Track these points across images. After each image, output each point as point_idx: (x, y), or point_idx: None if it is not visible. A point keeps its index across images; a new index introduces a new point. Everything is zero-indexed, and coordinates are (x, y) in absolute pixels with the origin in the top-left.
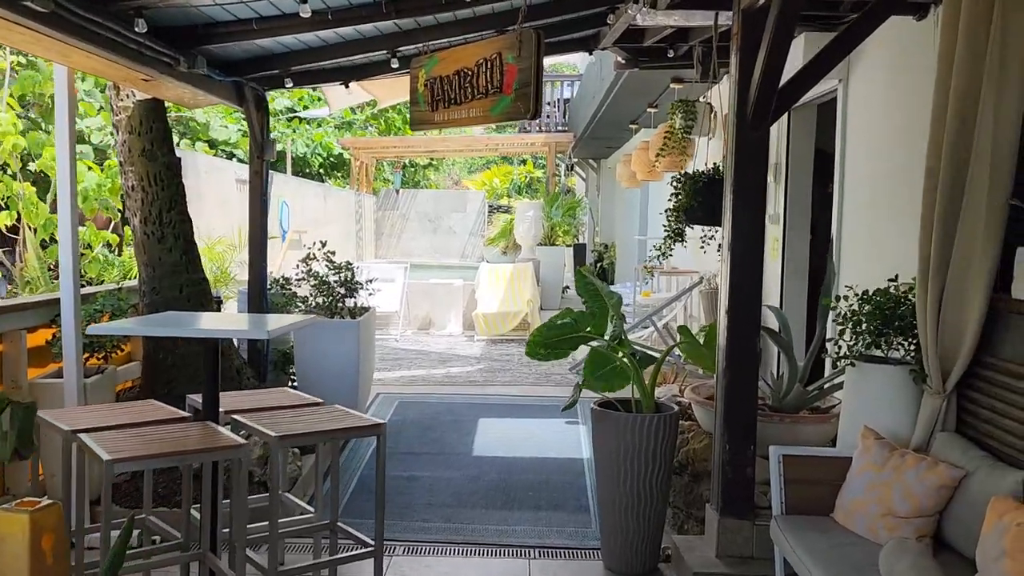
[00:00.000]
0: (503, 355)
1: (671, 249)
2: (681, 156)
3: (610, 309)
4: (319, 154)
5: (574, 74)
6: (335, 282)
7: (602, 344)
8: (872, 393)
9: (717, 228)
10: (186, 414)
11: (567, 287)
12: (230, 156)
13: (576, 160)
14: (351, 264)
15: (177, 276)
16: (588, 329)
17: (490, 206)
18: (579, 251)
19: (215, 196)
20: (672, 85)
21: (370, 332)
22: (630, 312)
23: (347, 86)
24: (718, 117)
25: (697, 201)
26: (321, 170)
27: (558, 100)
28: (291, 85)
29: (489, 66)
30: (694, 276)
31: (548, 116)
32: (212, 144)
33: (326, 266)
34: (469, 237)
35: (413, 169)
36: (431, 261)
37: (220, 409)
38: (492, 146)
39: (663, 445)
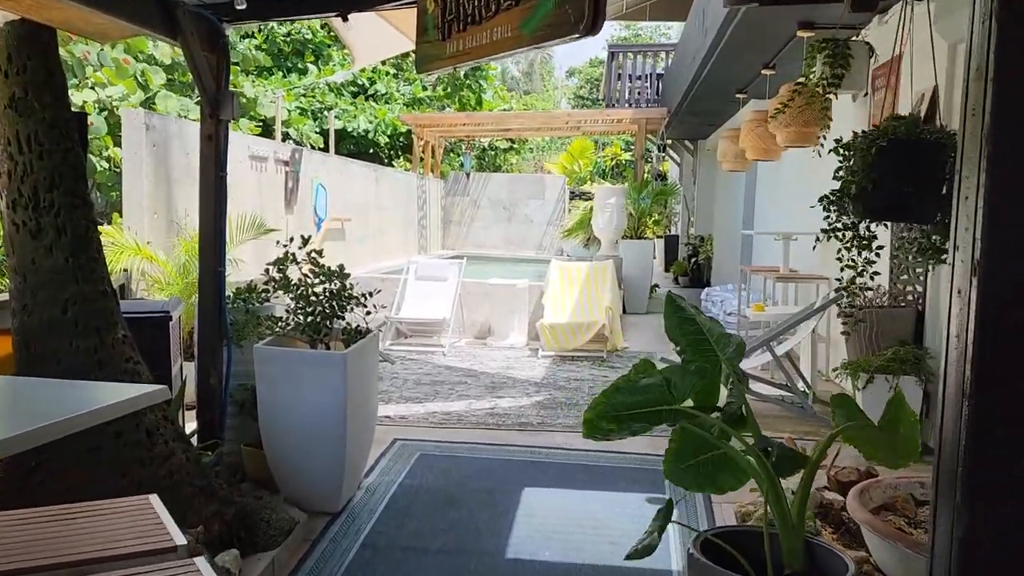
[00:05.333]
0: (571, 379)
1: (857, 260)
2: (815, 122)
3: (724, 365)
4: (384, 133)
5: (669, 43)
6: (322, 295)
7: (708, 424)
8: None
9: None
10: None
11: (656, 285)
12: (286, 137)
13: (670, 141)
14: (344, 270)
15: (60, 288)
16: (687, 397)
17: (572, 192)
18: (671, 243)
19: None
20: (799, 34)
21: (367, 366)
22: (731, 326)
23: (346, 19)
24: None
25: (873, 179)
26: (391, 152)
27: (649, 74)
28: (243, 6)
29: None
30: (824, 284)
31: (639, 92)
32: (264, 123)
33: (311, 271)
34: (547, 227)
35: (493, 153)
36: (505, 253)
37: None
38: (573, 123)
39: None
